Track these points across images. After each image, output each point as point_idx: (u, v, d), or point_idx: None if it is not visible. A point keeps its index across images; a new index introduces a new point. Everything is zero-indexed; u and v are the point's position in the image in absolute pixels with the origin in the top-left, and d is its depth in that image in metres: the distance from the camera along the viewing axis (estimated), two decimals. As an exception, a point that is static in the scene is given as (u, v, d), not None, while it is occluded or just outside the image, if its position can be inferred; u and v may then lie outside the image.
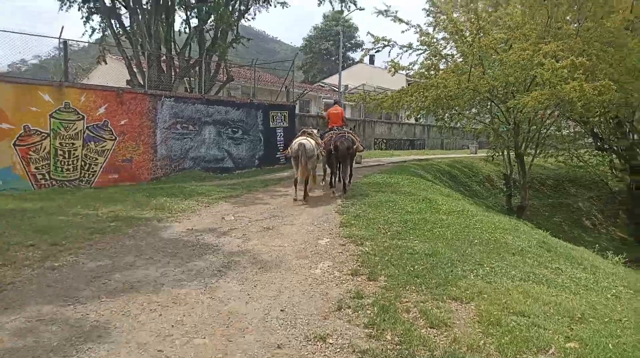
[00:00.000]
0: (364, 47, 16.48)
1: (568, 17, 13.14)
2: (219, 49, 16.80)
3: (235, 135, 15.80)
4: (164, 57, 16.18)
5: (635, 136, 18.84)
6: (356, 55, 54.14)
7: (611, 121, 17.34)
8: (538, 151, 16.40)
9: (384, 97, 17.66)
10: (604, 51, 11.56)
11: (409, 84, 19.92)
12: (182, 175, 14.02)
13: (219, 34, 16.76)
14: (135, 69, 15.77)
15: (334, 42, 51.64)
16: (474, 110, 17.36)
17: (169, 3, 15.84)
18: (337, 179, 10.43)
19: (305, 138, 9.22)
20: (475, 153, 27.73)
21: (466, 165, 21.27)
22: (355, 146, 10.06)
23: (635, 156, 18.36)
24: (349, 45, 53.25)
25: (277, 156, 17.30)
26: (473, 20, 12.67)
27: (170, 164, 13.99)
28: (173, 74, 16.60)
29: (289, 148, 9.30)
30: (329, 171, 10.78)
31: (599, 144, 19.98)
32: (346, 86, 31.39)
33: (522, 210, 16.48)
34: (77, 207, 7.55)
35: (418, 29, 16.04)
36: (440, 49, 16.01)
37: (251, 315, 3.70)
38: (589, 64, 11.16)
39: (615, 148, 19.37)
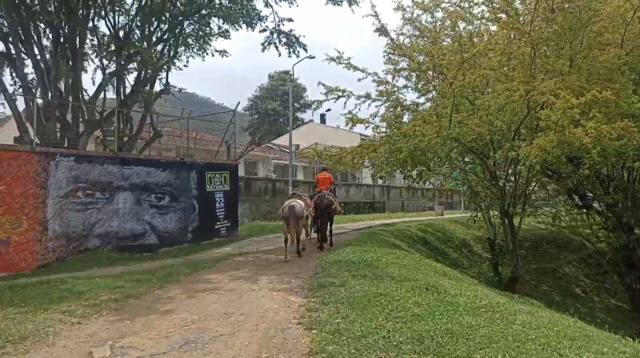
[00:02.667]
0: (314, 104, 14.09)
1: (554, 52, 11.33)
2: (142, 98, 13.64)
3: (160, 203, 12.41)
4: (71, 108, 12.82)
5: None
6: (305, 115, 52.22)
7: (594, 175, 15.41)
8: (525, 211, 14.00)
9: (343, 152, 15.00)
10: (607, 89, 9.61)
11: (363, 141, 17.63)
12: (84, 258, 10.73)
13: (141, 79, 13.64)
14: (26, 123, 12.21)
15: (281, 102, 49.02)
16: (446, 167, 15.03)
17: (77, 45, 12.74)
18: (322, 236, 11.06)
19: (295, 200, 9.84)
20: (442, 215, 25.46)
21: (438, 229, 18.71)
22: (333, 206, 11.18)
23: (622, 214, 16.46)
24: (297, 105, 50.91)
25: (216, 226, 13.85)
26: (457, 51, 10.51)
27: (68, 244, 10.76)
28: (82, 128, 13.19)
29: (280, 209, 9.89)
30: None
31: (577, 202, 18.04)
32: (297, 146, 29.04)
33: (515, 282, 13.65)
34: None
35: (376, 77, 14.01)
36: (402, 99, 13.95)
37: None
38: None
39: (597, 205, 17.48)
